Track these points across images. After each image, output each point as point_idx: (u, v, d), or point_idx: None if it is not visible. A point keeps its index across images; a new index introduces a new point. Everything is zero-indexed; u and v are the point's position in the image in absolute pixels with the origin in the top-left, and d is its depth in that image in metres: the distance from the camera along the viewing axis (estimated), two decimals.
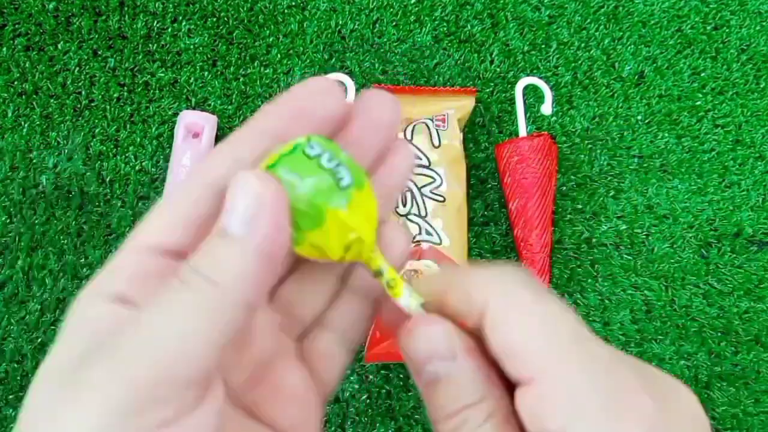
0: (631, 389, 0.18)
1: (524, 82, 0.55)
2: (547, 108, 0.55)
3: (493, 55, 0.57)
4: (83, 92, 0.54)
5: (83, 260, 0.50)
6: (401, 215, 0.50)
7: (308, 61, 0.56)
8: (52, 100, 0.54)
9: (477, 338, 0.20)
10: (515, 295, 0.19)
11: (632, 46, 0.58)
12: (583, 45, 0.58)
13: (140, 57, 0.55)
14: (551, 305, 0.19)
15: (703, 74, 0.58)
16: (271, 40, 0.56)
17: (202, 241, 0.18)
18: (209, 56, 0.56)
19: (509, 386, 0.19)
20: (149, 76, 0.55)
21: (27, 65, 0.54)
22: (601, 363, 0.18)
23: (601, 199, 0.54)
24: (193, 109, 0.54)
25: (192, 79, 0.55)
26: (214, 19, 0.57)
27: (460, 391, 0.19)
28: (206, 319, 0.17)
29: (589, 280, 0.52)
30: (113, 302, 0.18)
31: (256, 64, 0.56)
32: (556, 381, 0.17)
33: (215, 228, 0.18)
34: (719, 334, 0.51)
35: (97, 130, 0.53)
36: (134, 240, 0.19)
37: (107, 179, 0.52)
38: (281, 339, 0.23)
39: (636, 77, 0.58)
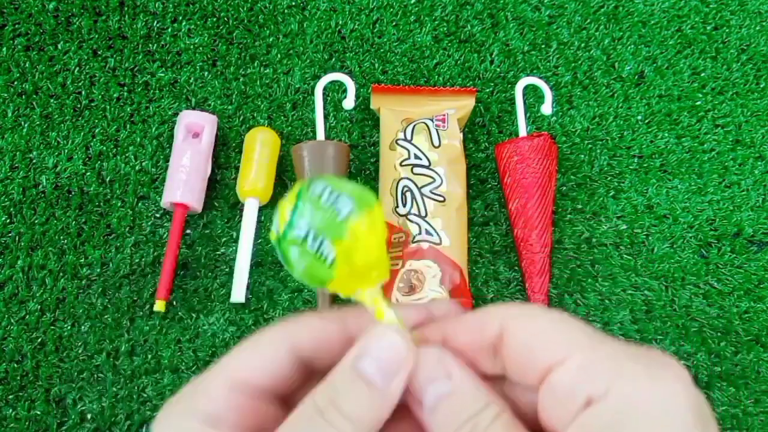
0: (657, 356, 0.20)
1: (524, 82, 0.55)
2: (547, 108, 0.55)
3: (493, 55, 0.57)
4: (83, 92, 0.54)
5: (83, 260, 0.50)
6: (401, 215, 0.49)
7: (308, 61, 0.56)
8: (52, 100, 0.54)
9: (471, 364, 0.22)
10: (529, 308, 0.22)
11: (632, 46, 0.58)
12: (583, 45, 0.58)
13: (140, 57, 0.55)
14: (560, 312, 0.22)
15: (703, 74, 0.58)
16: (271, 40, 0.56)
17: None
18: (209, 56, 0.56)
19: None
20: (149, 76, 0.55)
21: (27, 65, 0.55)
22: (621, 342, 0.20)
23: (601, 199, 0.54)
24: (193, 109, 0.54)
25: (192, 79, 0.55)
26: (214, 19, 0.57)
27: (464, 403, 0.21)
28: None
29: (589, 280, 0.52)
30: (206, 424, 0.20)
31: (256, 64, 0.56)
32: (591, 353, 0.20)
33: (348, 366, 0.21)
34: (719, 334, 0.51)
35: (97, 130, 0.53)
36: (224, 369, 0.21)
37: (107, 179, 0.52)
38: None
39: (636, 77, 0.58)
